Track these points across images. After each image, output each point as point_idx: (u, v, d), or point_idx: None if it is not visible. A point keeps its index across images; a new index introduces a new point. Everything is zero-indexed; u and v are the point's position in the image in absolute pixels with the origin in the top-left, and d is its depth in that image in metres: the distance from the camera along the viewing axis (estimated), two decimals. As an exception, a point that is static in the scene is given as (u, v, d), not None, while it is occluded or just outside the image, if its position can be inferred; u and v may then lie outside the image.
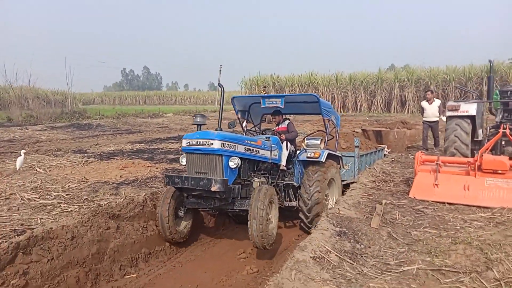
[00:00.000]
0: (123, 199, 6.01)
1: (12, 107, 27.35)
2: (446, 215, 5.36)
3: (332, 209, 5.44)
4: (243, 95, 7.96)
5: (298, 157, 6.61)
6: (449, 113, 7.68)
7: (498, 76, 31.17)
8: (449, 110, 7.67)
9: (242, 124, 7.57)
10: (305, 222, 6.23)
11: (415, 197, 6.11)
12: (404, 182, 7.19)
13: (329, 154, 6.57)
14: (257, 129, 7.70)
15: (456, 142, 7.54)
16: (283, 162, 6.49)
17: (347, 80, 37.50)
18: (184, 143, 5.37)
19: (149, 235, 5.68)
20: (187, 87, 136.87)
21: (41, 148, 12.08)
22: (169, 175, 5.46)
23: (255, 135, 7.08)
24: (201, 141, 5.19)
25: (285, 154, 6.54)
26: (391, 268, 3.83)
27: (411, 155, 10.09)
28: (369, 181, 7.38)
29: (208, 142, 5.14)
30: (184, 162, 5.59)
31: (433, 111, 10.63)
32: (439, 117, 10.65)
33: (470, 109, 7.51)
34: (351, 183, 7.94)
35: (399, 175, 7.86)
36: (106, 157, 10.41)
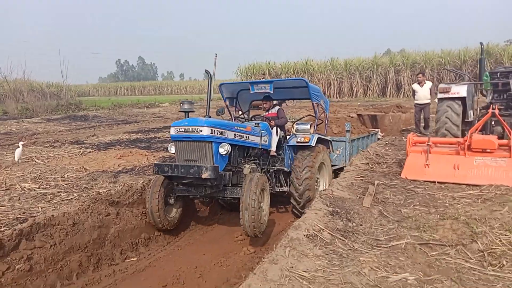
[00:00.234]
0: (121, 186, 6.14)
1: (7, 101, 27.27)
2: (436, 193, 5.52)
3: (326, 190, 5.58)
4: (231, 82, 7.94)
5: (288, 142, 6.62)
6: (440, 95, 7.82)
7: (493, 59, 31.23)
8: (440, 92, 7.81)
9: (230, 111, 7.53)
10: (297, 207, 6.27)
11: (406, 177, 6.26)
12: (397, 164, 7.34)
13: (319, 138, 6.61)
14: (245, 116, 7.66)
15: (447, 123, 7.69)
16: (273, 148, 6.50)
17: (342, 66, 37.46)
18: (172, 131, 5.27)
19: (148, 220, 5.82)
20: (182, 76, 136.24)
21: (38, 140, 12.15)
22: (158, 164, 5.39)
23: (244, 122, 7.05)
24: (190, 128, 5.10)
25: (275, 139, 6.55)
26: (381, 243, 3.99)
27: (404, 138, 10.22)
28: (363, 163, 7.52)
29: (197, 129, 5.05)
30: (173, 150, 5.53)
31: (425, 93, 10.70)
32: (430, 99, 10.72)
33: (461, 91, 7.65)
34: (343, 168, 8.03)
35: (392, 157, 8.00)
36: (104, 147, 10.52)
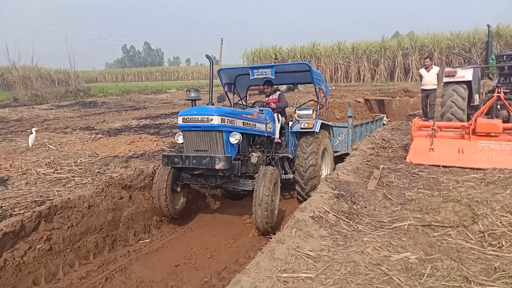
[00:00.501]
0: (133, 171, 6.34)
1: (16, 87, 27.61)
2: (440, 177, 5.63)
3: (331, 174, 5.72)
4: (230, 67, 7.79)
5: (291, 128, 6.54)
6: (445, 79, 7.84)
7: (503, 41, 30.76)
8: (445, 76, 7.82)
9: (229, 98, 7.41)
10: (302, 194, 6.17)
11: (411, 161, 6.37)
12: (402, 148, 7.43)
13: (322, 124, 6.56)
14: (243, 102, 7.53)
15: (452, 107, 7.73)
16: (277, 135, 6.45)
17: (349, 50, 37.14)
18: (180, 120, 5.08)
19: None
20: (189, 61, 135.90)
21: (50, 126, 12.41)
22: (167, 155, 5.19)
23: (245, 108, 6.90)
24: (199, 117, 4.91)
25: (277, 126, 6.48)
26: (384, 225, 4.14)
27: (411, 122, 10.26)
28: (369, 148, 7.62)
29: (207, 118, 4.87)
30: (180, 140, 5.34)
31: (431, 78, 10.30)
32: (436, 85, 10.33)
33: (466, 74, 7.66)
34: (345, 154, 7.99)
35: (398, 142, 8.08)
36: (114, 133, 10.73)
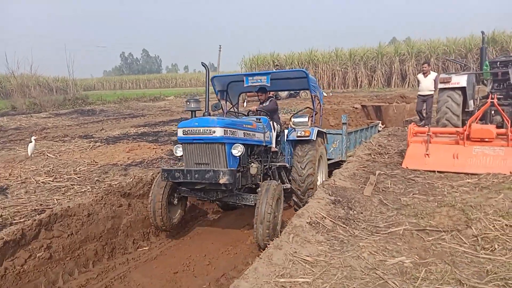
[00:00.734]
0: (132, 179, 6.39)
1: (14, 96, 27.67)
2: (435, 182, 5.72)
3: (328, 180, 5.79)
4: (224, 74, 7.70)
5: (287, 136, 6.41)
6: (440, 86, 7.95)
7: (498, 47, 31.03)
8: (440, 83, 7.94)
9: (222, 106, 7.23)
10: (299, 204, 6.05)
11: (407, 167, 6.45)
12: (398, 154, 7.51)
13: (318, 131, 6.47)
14: (235, 109, 7.40)
15: (447, 113, 7.84)
16: (274, 144, 6.32)
17: (347, 56, 37.38)
18: (180, 133, 4.91)
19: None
20: (187, 69, 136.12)
21: (48, 135, 12.45)
22: (167, 169, 4.97)
23: (236, 116, 6.84)
24: (201, 129, 4.75)
25: (274, 135, 6.35)
26: (380, 230, 4.21)
27: (407, 128, 10.34)
28: (365, 154, 7.70)
29: (209, 130, 4.72)
30: (179, 153, 5.19)
31: (428, 84, 10.35)
32: (433, 91, 10.28)
33: (461, 81, 7.78)
34: (339, 161, 7.97)
35: (394, 148, 8.17)
36: (112, 141, 10.78)
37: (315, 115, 7.05)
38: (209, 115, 5.12)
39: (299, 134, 6.22)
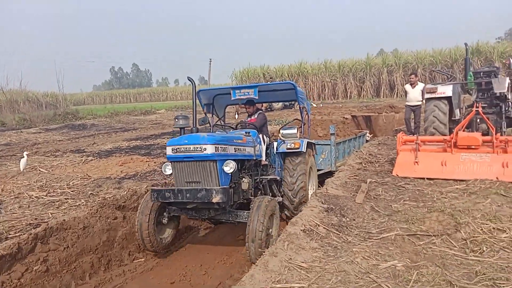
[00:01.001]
0: (126, 191, 6.44)
1: (3, 112, 27.53)
2: (425, 189, 5.86)
3: (320, 189, 5.89)
4: (209, 88, 7.65)
5: (277, 149, 6.35)
6: (427, 95, 8.19)
7: (483, 57, 31.79)
8: (427, 93, 8.19)
9: (208, 118, 6.90)
10: (290, 209, 6.12)
11: (397, 174, 6.59)
12: (389, 162, 7.66)
13: (307, 143, 6.45)
14: (221, 122, 7.32)
15: (434, 122, 8.06)
16: (264, 157, 6.19)
17: (336, 68, 37.97)
18: (169, 151, 4.77)
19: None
20: (177, 82, 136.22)
21: (39, 150, 12.41)
22: (157, 190, 4.84)
23: (223, 128, 6.66)
24: (191, 147, 4.63)
25: (263, 148, 6.22)
26: (372, 235, 4.31)
27: (397, 137, 10.52)
28: (356, 163, 7.84)
29: (200, 148, 4.60)
30: (168, 171, 5.04)
31: (416, 95, 10.39)
32: (421, 101, 10.25)
33: (447, 90, 8.02)
34: (328, 172, 8.00)
35: (385, 156, 8.33)
36: (105, 155, 10.79)
37: (303, 126, 7.01)
38: (197, 130, 5.09)
39: (289, 146, 6.19)
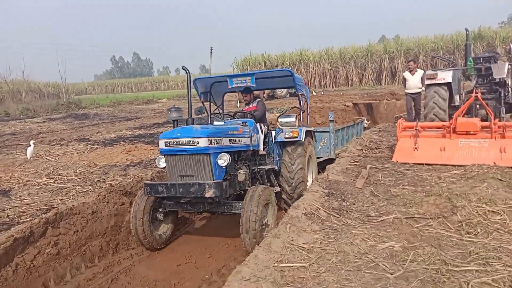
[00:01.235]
0: (132, 178, 6.59)
1: (6, 102, 27.68)
2: (424, 174, 5.99)
3: (322, 174, 6.03)
4: (206, 76, 7.43)
5: (275, 138, 6.20)
6: (427, 82, 8.27)
7: (485, 42, 31.61)
8: (427, 79, 8.26)
9: (206, 108, 6.87)
10: (289, 203, 5.98)
11: (397, 160, 6.72)
12: (389, 149, 7.78)
13: (306, 131, 6.34)
14: (220, 110, 7.16)
15: (434, 108, 8.15)
16: (261, 147, 6.07)
17: (337, 55, 37.81)
18: (162, 144, 4.68)
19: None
20: (178, 71, 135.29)
21: (44, 139, 12.58)
22: (149, 184, 4.76)
23: (222, 117, 6.54)
24: (184, 140, 4.52)
25: (261, 137, 6.08)
26: (371, 219, 4.46)
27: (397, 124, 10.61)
28: (357, 149, 7.96)
29: (192, 141, 4.49)
30: (162, 165, 4.95)
31: (415, 82, 10.26)
32: (421, 88, 10.16)
33: (447, 77, 8.09)
34: (328, 160, 8.03)
35: (385, 143, 8.44)
36: (109, 143, 10.95)
37: (302, 114, 6.89)
38: (193, 121, 5.02)
39: (287, 135, 6.08)
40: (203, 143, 4.49)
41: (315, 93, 25.11)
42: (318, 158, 7.60)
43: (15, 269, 4.15)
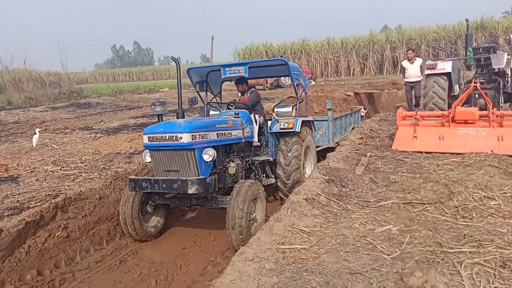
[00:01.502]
0: (137, 166, 6.74)
1: (8, 91, 27.77)
2: (422, 162, 6.13)
3: (322, 162, 6.16)
4: (199, 66, 7.29)
5: (270, 129, 6.07)
6: (427, 71, 8.37)
7: (487, 32, 31.51)
8: (427, 69, 8.36)
9: (202, 98, 6.75)
10: (284, 191, 5.94)
11: (397, 149, 6.86)
12: (389, 137, 7.91)
13: (302, 121, 6.21)
14: (217, 99, 7.02)
15: (434, 98, 8.26)
16: (256, 138, 5.90)
17: (339, 45, 37.79)
18: (146, 139, 4.58)
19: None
20: (179, 60, 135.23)
21: (48, 128, 12.73)
22: (134, 179, 4.66)
23: (219, 106, 6.57)
24: (167, 135, 4.43)
25: (255, 128, 5.92)
26: (370, 204, 4.61)
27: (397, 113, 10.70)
28: (357, 138, 8.09)
29: (175, 136, 4.38)
30: (148, 159, 4.86)
31: (415, 71, 10.22)
32: (421, 77, 10.14)
33: (446, 66, 8.19)
34: (327, 149, 8.01)
35: (385, 132, 8.57)
36: (113, 132, 11.11)
37: (299, 103, 6.72)
38: (183, 114, 4.94)
39: (282, 126, 5.96)
40: (186, 138, 4.36)
41: (314, 83, 25.06)
42: (317, 147, 7.59)
43: (27, 250, 4.32)
